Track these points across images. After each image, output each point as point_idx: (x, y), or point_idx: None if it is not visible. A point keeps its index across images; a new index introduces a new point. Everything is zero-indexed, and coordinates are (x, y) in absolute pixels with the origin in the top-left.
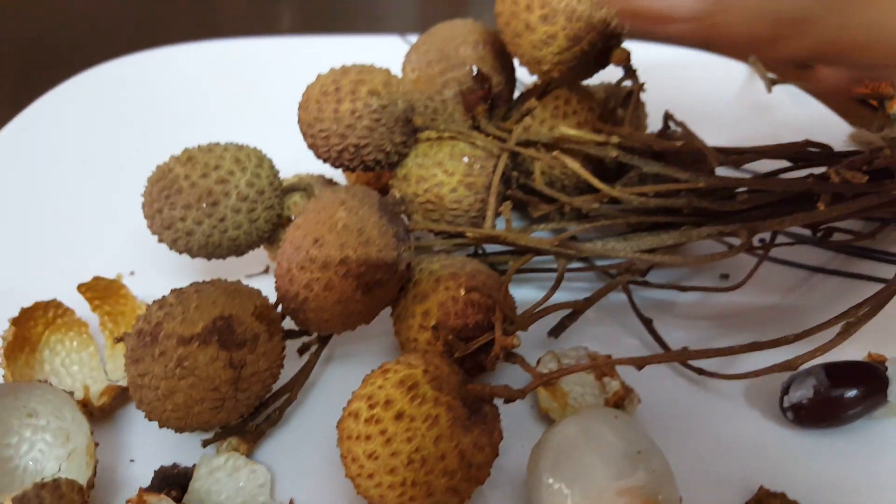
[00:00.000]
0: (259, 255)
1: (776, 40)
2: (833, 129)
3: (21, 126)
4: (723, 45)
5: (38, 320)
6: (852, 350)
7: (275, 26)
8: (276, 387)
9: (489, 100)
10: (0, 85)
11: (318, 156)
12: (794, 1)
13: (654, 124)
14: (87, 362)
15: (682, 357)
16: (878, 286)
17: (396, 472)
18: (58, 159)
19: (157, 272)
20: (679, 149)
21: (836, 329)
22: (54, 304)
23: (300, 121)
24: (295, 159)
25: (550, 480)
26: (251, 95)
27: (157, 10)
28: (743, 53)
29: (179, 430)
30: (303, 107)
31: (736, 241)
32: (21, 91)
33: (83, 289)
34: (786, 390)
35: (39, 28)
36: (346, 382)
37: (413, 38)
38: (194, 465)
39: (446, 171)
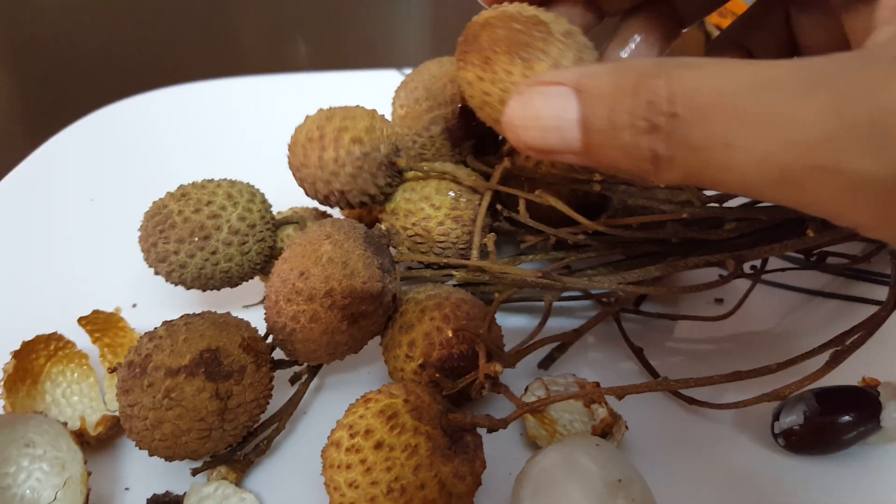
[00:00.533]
0: (256, 286)
1: (652, 172)
2: None
3: (32, 164)
4: (610, 171)
5: (40, 352)
6: (846, 374)
7: (290, 63)
8: (266, 416)
9: (476, 136)
10: (18, 122)
11: (307, 195)
12: (656, 142)
13: None
14: (87, 393)
15: (665, 387)
16: (876, 308)
17: (376, 501)
18: (66, 197)
19: (158, 304)
20: None
21: (826, 356)
22: (56, 337)
23: (289, 163)
24: (294, 192)
25: None
26: (254, 131)
27: (168, 48)
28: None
29: (168, 458)
30: (291, 150)
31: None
32: (39, 127)
33: (83, 322)
34: (776, 416)
35: (55, 65)
36: (336, 411)
37: (409, 72)
38: (185, 493)
39: (433, 205)
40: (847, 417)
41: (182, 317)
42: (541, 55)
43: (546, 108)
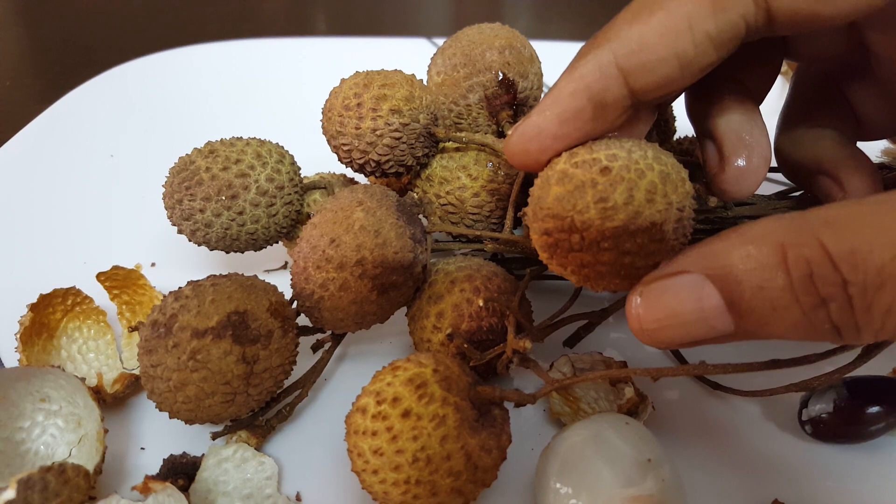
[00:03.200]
0: (278, 251)
1: (836, 340)
2: (866, 143)
3: (50, 119)
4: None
5: (57, 307)
6: (876, 365)
7: (309, 29)
8: (288, 382)
9: (514, 105)
10: (35, 80)
11: (342, 163)
12: (835, 315)
13: (682, 128)
14: (103, 350)
15: (700, 371)
16: None
17: (401, 470)
18: (85, 152)
19: (177, 264)
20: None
21: (858, 350)
22: (73, 292)
23: (324, 129)
24: (320, 157)
25: (558, 485)
26: (281, 94)
27: (191, 12)
28: None
29: (189, 422)
30: (326, 116)
31: None
32: (58, 87)
33: (102, 278)
34: (805, 404)
35: (76, 26)
36: (359, 380)
37: (440, 42)
38: (203, 455)
39: (470, 176)
40: (877, 408)
41: (208, 277)
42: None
43: (680, 302)
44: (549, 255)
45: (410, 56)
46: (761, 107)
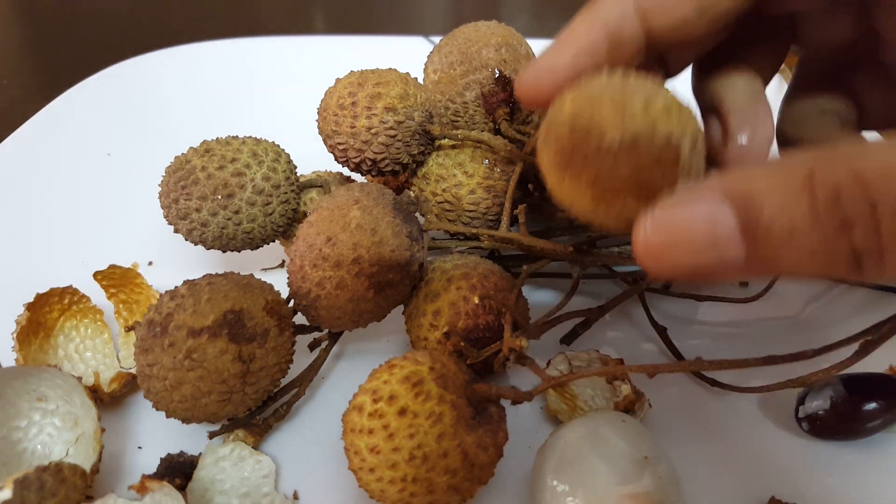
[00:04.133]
0: (276, 249)
1: (852, 272)
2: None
3: (47, 117)
4: (785, 276)
5: (54, 306)
6: (873, 362)
7: (307, 27)
8: (285, 381)
9: (510, 103)
10: (33, 79)
11: (338, 162)
12: (857, 240)
13: None
14: (100, 349)
15: (697, 367)
16: None
17: (397, 468)
18: (82, 151)
19: (175, 263)
20: None
21: (855, 345)
22: (70, 291)
23: (319, 129)
24: (318, 156)
25: (554, 483)
26: (278, 92)
27: (189, 9)
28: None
29: (186, 421)
30: (321, 116)
31: None
32: (56, 85)
33: (99, 277)
34: (801, 400)
35: (73, 25)
36: (356, 379)
37: (438, 40)
38: (200, 454)
39: (466, 173)
40: (873, 404)
41: (205, 276)
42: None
43: (693, 222)
44: (562, 171)
45: (408, 54)
46: None
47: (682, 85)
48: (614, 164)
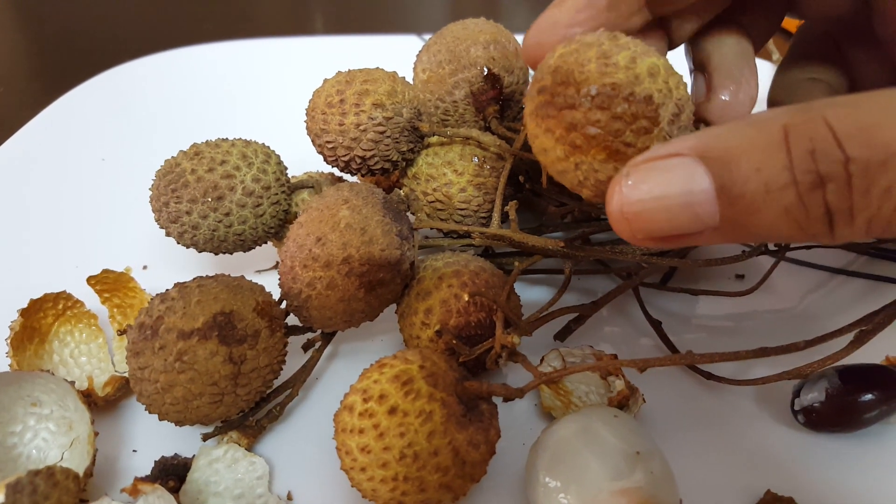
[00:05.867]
0: (270, 251)
1: (824, 232)
2: None
3: (41, 123)
4: (757, 241)
5: (48, 311)
6: (868, 352)
7: (304, 28)
8: (278, 382)
9: (500, 100)
10: (28, 85)
11: (327, 162)
12: (831, 196)
13: None
14: (95, 353)
15: (689, 361)
16: None
17: (388, 467)
18: (77, 156)
19: (169, 267)
20: None
21: (850, 336)
22: (64, 296)
23: (308, 129)
24: (310, 157)
25: (547, 479)
26: (270, 94)
27: (184, 11)
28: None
29: (179, 423)
30: (309, 115)
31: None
32: (51, 91)
33: (93, 281)
34: (797, 393)
35: (69, 29)
36: (350, 378)
37: (429, 38)
38: (194, 456)
39: (456, 171)
40: (869, 396)
41: (195, 279)
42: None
43: (668, 183)
44: (539, 118)
45: (400, 53)
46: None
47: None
48: (589, 112)
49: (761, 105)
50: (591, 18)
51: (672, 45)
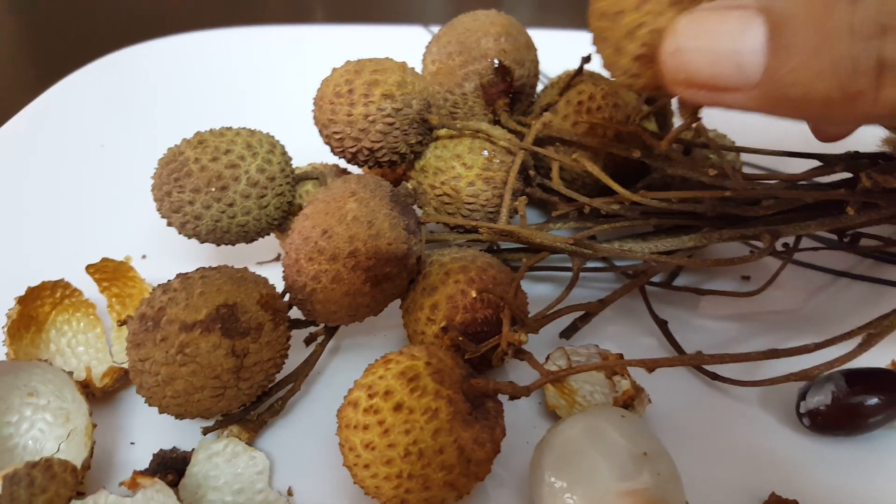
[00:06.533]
0: (271, 243)
1: (867, 90)
2: (866, 131)
3: (39, 109)
4: (790, 109)
5: (46, 300)
6: (874, 357)
7: (308, 18)
8: (280, 376)
9: (510, 93)
10: (26, 70)
11: (334, 153)
12: (886, 47)
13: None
14: (93, 343)
15: (698, 361)
16: None
17: (393, 464)
18: (76, 142)
19: (169, 256)
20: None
21: (858, 339)
22: (62, 285)
23: (315, 119)
24: (314, 148)
25: (552, 479)
26: (275, 83)
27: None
28: (813, 116)
29: (179, 416)
30: (317, 105)
31: (758, 244)
32: (49, 76)
33: (91, 270)
34: (803, 396)
35: (68, 15)
36: (352, 373)
37: (437, 30)
38: (193, 450)
39: (465, 165)
40: (875, 400)
41: (198, 270)
42: None
43: (724, 29)
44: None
45: (407, 44)
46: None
47: None
48: None
49: None
50: None
51: None
